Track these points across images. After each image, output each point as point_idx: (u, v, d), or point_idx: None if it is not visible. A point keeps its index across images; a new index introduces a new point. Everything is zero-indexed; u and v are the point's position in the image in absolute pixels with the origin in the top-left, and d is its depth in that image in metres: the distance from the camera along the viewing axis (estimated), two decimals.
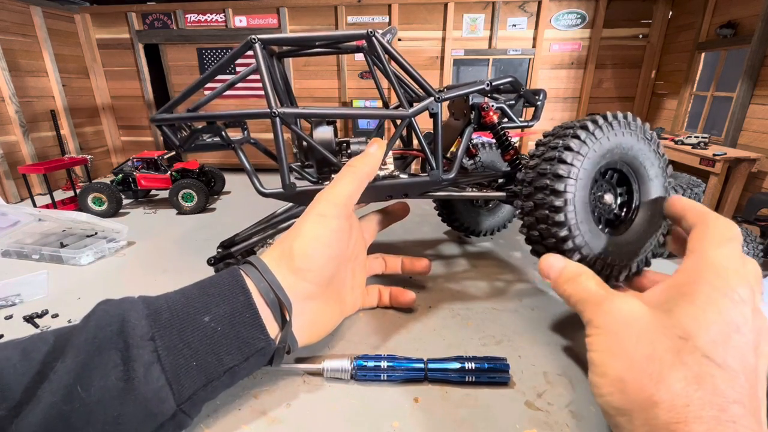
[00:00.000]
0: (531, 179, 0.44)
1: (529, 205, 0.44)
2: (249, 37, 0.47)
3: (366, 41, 0.50)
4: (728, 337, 0.27)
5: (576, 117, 3.96)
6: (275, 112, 0.46)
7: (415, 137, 0.54)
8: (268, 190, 0.51)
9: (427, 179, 0.51)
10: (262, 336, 0.33)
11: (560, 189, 0.40)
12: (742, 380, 0.25)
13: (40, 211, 0.80)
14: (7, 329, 0.49)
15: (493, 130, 0.58)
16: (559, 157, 0.41)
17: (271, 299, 0.34)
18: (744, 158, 2.30)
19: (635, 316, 0.30)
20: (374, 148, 0.44)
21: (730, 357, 0.26)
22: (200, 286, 0.34)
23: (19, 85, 3.12)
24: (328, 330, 0.42)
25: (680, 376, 0.26)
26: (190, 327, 0.31)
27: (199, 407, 0.32)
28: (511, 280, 0.60)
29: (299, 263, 0.36)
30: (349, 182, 0.40)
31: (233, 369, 0.32)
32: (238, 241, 0.59)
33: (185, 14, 3.90)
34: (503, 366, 0.38)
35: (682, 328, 0.28)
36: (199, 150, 0.58)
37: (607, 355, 0.30)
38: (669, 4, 3.50)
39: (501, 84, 0.60)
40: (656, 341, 0.28)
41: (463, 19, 3.73)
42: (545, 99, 0.68)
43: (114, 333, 0.29)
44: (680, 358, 0.26)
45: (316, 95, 3.93)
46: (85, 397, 0.26)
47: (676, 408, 0.25)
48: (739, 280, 0.29)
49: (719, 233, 0.33)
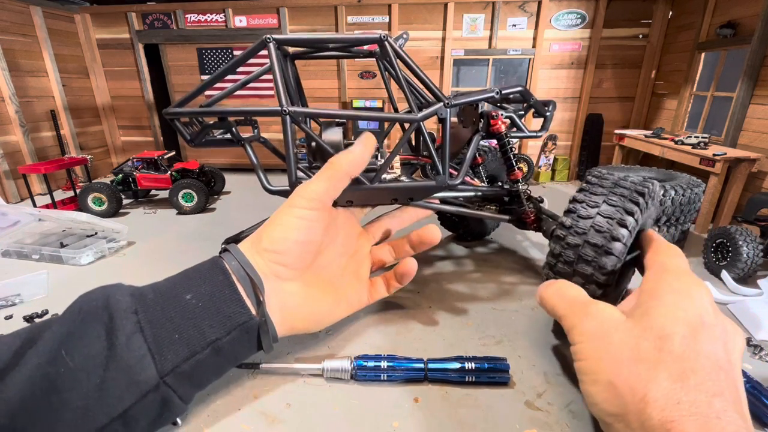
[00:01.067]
0: (581, 230, 0.41)
1: (569, 255, 0.42)
2: (264, 36, 0.48)
3: (378, 45, 0.50)
4: (696, 332, 0.28)
5: (576, 117, 3.96)
6: (286, 110, 0.47)
7: (422, 141, 0.54)
8: (275, 188, 0.52)
9: (432, 184, 0.51)
10: (242, 310, 0.34)
11: (615, 252, 0.39)
12: (718, 374, 0.26)
13: (40, 211, 0.80)
14: (7, 329, 0.49)
15: (500, 141, 0.57)
16: (620, 221, 0.40)
17: (241, 275, 0.36)
18: (744, 158, 2.30)
19: (617, 321, 0.32)
20: (359, 148, 0.43)
21: (702, 352, 0.27)
22: (183, 272, 0.36)
23: (19, 85, 3.12)
24: (322, 318, 0.42)
25: (665, 375, 0.27)
26: (172, 304, 0.32)
27: (187, 388, 0.32)
28: (511, 280, 0.60)
29: (265, 245, 0.38)
30: (325, 179, 0.41)
31: (216, 343, 0.32)
32: (242, 238, 0.60)
33: (185, 14, 3.90)
34: (503, 366, 0.38)
35: (659, 327, 0.29)
36: (210, 145, 0.59)
37: (595, 362, 0.30)
38: (669, 4, 3.51)
39: (511, 93, 0.59)
40: (639, 343, 0.29)
41: (463, 19, 3.73)
42: (554, 110, 0.68)
43: (99, 307, 0.30)
44: (662, 357, 0.27)
45: (316, 95, 3.93)
46: (69, 362, 0.27)
47: (669, 407, 0.25)
48: (695, 281, 0.32)
49: (671, 250, 0.37)
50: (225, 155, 4.21)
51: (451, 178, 0.52)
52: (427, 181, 0.51)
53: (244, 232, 0.61)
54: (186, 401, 0.32)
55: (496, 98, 0.56)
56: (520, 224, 0.56)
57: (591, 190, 0.44)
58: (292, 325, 0.39)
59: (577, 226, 0.42)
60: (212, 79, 0.53)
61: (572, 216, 0.43)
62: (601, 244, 0.40)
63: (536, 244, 0.74)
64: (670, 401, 0.25)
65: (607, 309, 0.33)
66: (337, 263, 0.44)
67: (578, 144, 4.03)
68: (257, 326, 0.35)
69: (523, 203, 0.54)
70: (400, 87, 0.52)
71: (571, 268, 0.42)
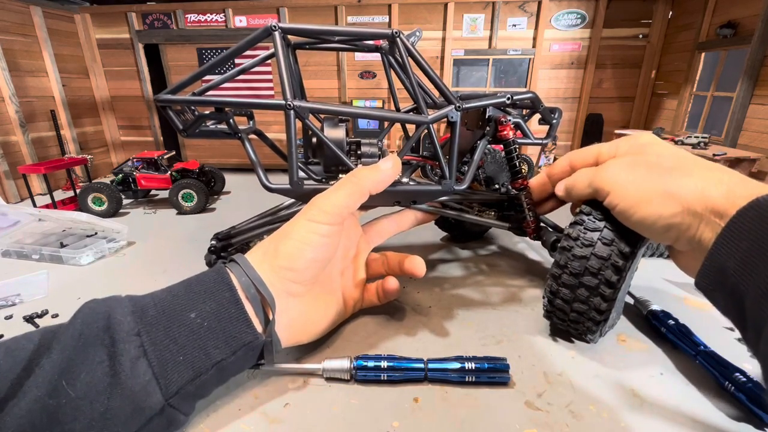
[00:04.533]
0: (580, 256, 0.39)
1: (570, 281, 0.40)
2: (270, 23, 0.45)
3: (390, 42, 0.49)
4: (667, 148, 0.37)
5: (576, 117, 3.96)
6: (291, 104, 0.44)
7: (428, 142, 0.53)
8: (275, 186, 0.50)
9: (438, 188, 0.50)
10: (248, 330, 0.33)
11: (615, 281, 0.38)
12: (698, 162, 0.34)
13: (40, 211, 0.80)
14: (7, 329, 0.49)
15: (506, 147, 0.57)
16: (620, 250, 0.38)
17: (251, 294, 0.34)
18: (744, 158, 2.30)
19: (628, 160, 0.38)
20: (388, 165, 0.42)
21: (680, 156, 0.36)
22: (186, 284, 0.34)
23: (19, 85, 3.12)
24: (323, 327, 0.42)
25: (694, 170, 0.33)
26: (176, 324, 0.31)
27: (190, 404, 0.32)
28: (510, 281, 0.60)
29: (282, 262, 0.36)
30: (347, 194, 0.39)
31: (221, 363, 0.32)
32: (234, 234, 0.59)
33: (185, 14, 3.90)
34: (503, 366, 0.38)
35: (664, 162, 0.35)
36: (203, 136, 0.57)
37: (641, 190, 0.35)
38: (669, 4, 3.51)
39: (522, 99, 0.59)
40: (659, 161, 0.35)
41: (463, 19, 3.73)
42: (561, 118, 0.67)
43: (100, 329, 0.29)
44: (679, 163, 0.34)
45: (316, 95, 3.93)
46: (71, 392, 0.26)
47: (714, 184, 0.31)
48: None
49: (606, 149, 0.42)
50: (225, 155, 4.21)
51: (457, 183, 0.51)
52: (432, 185, 0.51)
53: (236, 228, 0.60)
54: (188, 414, 0.32)
55: (507, 104, 0.55)
56: (519, 232, 0.56)
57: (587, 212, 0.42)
58: (297, 339, 0.39)
59: (576, 249, 0.40)
60: (208, 67, 0.50)
61: (572, 242, 0.41)
62: (598, 272, 0.39)
63: (535, 246, 0.74)
64: (712, 180, 0.31)
65: (613, 160, 0.39)
66: (338, 268, 0.44)
67: (578, 144, 4.03)
68: (263, 345, 0.34)
69: (525, 211, 0.54)
70: (408, 86, 0.50)
71: (570, 291, 0.41)
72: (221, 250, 0.58)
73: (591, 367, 0.41)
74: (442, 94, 0.49)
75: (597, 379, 0.39)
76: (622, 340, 0.45)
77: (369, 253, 0.50)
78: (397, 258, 0.48)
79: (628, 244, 0.38)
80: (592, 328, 0.41)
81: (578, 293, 0.40)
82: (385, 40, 0.53)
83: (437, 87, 0.50)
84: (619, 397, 0.37)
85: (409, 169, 0.59)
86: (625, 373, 0.40)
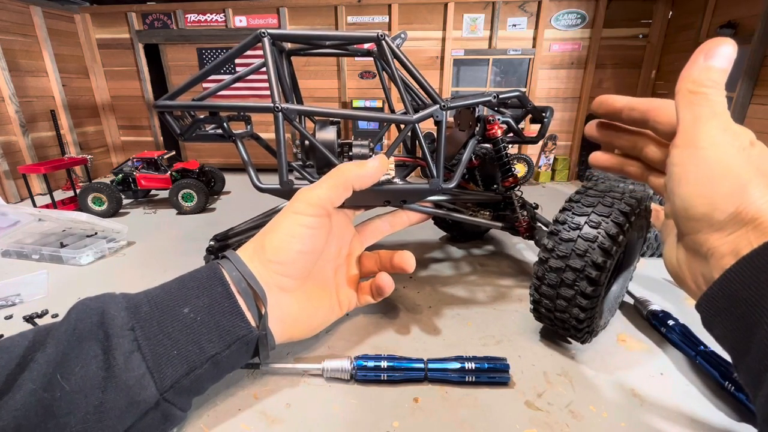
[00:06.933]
0: (562, 254, 0.39)
1: (553, 278, 0.40)
2: (258, 30, 0.47)
3: (375, 44, 0.50)
4: None
5: (576, 117, 3.96)
6: (278, 106, 0.46)
7: (430, 143, 0.53)
8: (265, 185, 0.51)
9: (426, 187, 0.51)
10: (242, 323, 0.33)
11: (595, 278, 0.38)
12: None
13: (40, 211, 0.80)
14: (7, 329, 0.49)
15: (495, 146, 0.57)
16: (601, 245, 0.38)
17: (242, 288, 0.35)
18: None
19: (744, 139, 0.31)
20: (373, 163, 0.42)
21: None
22: (180, 280, 0.35)
23: (19, 85, 3.12)
24: (317, 324, 0.42)
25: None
26: (169, 318, 0.31)
27: (186, 399, 0.32)
28: (510, 281, 0.60)
29: (270, 256, 0.37)
30: (330, 186, 0.40)
31: (215, 357, 0.32)
32: (231, 234, 0.60)
33: (185, 14, 3.90)
34: (503, 366, 0.38)
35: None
36: (200, 140, 0.59)
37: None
38: (669, 4, 3.50)
39: (508, 98, 0.59)
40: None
41: (463, 19, 3.73)
42: (551, 116, 0.68)
43: (94, 324, 0.29)
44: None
45: (316, 95, 3.93)
46: (65, 386, 0.27)
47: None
48: None
49: None
50: (225, 155, 4.21)
51: (446, 182, 0.52)
52: (420, 184, 0.51)
53: (233, 229, 0.61)
54: (185, 410, 0.32)
55: (493, 102, 0.56)
56: (513, 232, 0.56)
57: (572, 209, 0.42)
58: (291, 335, 0.40)
59: (558, 248, 0.40)
60: (204, 73, 0.52)
61: (555, 239, 0.41)
62: (581, 269, 0.39)
63: (534, 246, 0.74)
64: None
65: None
66: (331, 266, 0.44)
67: (578, 144, 4.03)
68: (257, 339, 0.35)
69: (516, 210, 0.54)
70: (396, 87, 0.51)
71: (553, 290, 0.41)
72: (219, 251, 0.59)
73: (591, 367, 0.41)
74: (428, 94, 0.50)
75: (597, 379, 0.39)
76: (622, 340, 0.45)
77: (362, 252, 0.50)
78: (388, 255, 0.48)
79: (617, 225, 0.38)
80: (579, 316, 0.40)
81: (564, 277, 0.39)
82: None
83: (422, 87, 0.50)
84: (619, 397, 0.37)
85: (405, 171, 0.59)
86: (625, 373, 0.40)
